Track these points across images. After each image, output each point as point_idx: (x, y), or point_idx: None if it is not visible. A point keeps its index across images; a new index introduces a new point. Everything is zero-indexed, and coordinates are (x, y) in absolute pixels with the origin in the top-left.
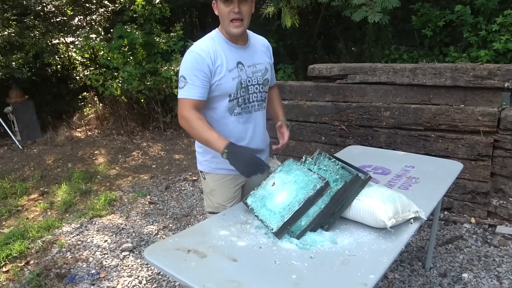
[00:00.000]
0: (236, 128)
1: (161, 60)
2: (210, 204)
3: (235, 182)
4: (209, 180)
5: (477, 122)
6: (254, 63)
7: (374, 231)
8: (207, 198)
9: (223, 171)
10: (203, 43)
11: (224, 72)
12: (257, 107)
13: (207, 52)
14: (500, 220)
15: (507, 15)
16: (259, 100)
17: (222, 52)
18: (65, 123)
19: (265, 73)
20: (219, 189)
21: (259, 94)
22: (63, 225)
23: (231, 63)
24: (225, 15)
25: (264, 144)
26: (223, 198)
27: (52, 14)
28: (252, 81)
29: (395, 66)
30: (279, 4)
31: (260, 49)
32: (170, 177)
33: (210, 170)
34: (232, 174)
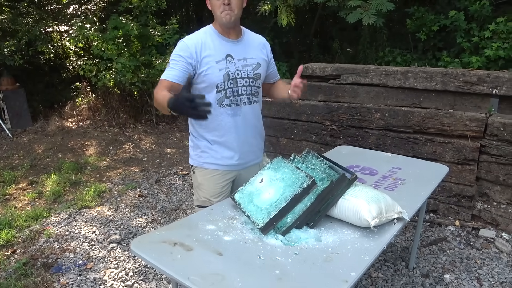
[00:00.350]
0: (225, 120)
1: (155, 53)
2: (198, 198)
3: (224, 177)
4: (197, 174)
5: (465, 127)
6: (245, 57)
7: (358, 230)
8: (195, 192)
9: (211, 166)
10: (194, 35)
11: (211, 63)
12: (246, 100)
13: (194, 42)
14: (483, 223)
15: (499, 23)
16: (249, 94)
17: (211, 44)
18: (56, 112)
19: (256, 67)
20: (207, 183)
21: (248, 88)
22: (51, 215)
23: (219, 55)
24: (216, 7)
25: (258, 139)
26: (210, 193)
27: (46, 2)
28: (242, 74)
29: (387, 68)
30: (276, 2)
31: (255, 45)
32: (160, 170)
33: (199, 164)
34: (220, 169)
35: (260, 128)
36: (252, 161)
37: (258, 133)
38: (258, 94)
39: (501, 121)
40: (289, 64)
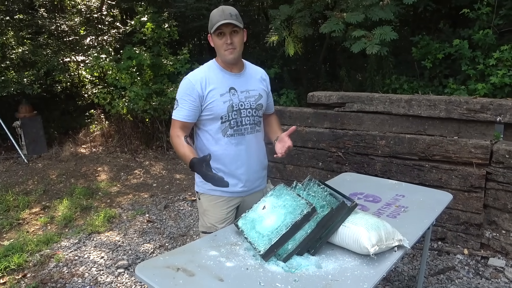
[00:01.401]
0: (229, 149)
1: (167, 81)
2: (204, 224)
3: (228, 204)
4: (203, 201)
5: (470, 154)
6: (247, 89)
7: (358, 257)
8: (200, 218)
9: (216, 192)
10: (197, 71)
11: (216, 96)
12: (250, 130)
13: (198, 79)
14: (492, 252)
15: (503, 51)
16: (252, 124)
17: (215, 78)
18: (70, 139)
19: (258, 98)
20: (212, 209)
21: (251, 118)
22: (61, 239)
23: (223, 88)
24: (219, 46)
25: (261, 166)
26: (215, 219)
27: (65, 34)
28: (245, 105)
29: (392, 96)
30: (283, 34)
31: (256, 77)
32: (169, 196)
33: (204, 191)
34: (225, 196)
35: (263, 155)
36: (256, 188)
37: (261, 160)
38: (260, 123)
39: (507, 148)
40: (297, 91)
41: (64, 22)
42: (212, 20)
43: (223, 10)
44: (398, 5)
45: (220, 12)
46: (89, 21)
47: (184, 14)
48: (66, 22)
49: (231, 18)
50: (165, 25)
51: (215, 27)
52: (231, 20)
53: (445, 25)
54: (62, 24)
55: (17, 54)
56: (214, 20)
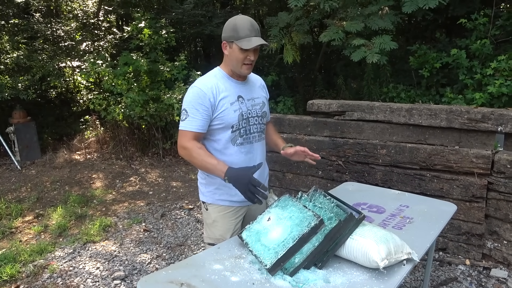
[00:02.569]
0: (238, 158)
1: (164, 88)
2: (211, 236)
3: (236, 214)
4: (211, 211)
5: (471, 164)
6: (252, 97)
7: (367, 271)
8: (208, 229)
9: (225, 203)
10: (206, 79)
11: (226, 105)
12: (257, 138)
13: (209, 87)
14: (494, 263)
15: (500, 61)
16: (259, 131)
17: (223, 86)
18: (65, 145)
19: (262, 106)
20: (221, 220)
21: (258, 126)
22: (56, 249)
23: (232, 96)
24: (239, 59)
25: (265, 174)
26: (224, 230)
27: (60, 39)
28: (252, 113)
29: (392, 105)
30: (282, 41)
31: (257, 85)
32: (166, 204)
33: (213, 201)
34: (234, 205)
35: (267, 162)
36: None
37: (266, 167)
38: (265, 131)
39: (508, 158)
40: (294, 99)
41: (60, 27)
42: (239, 32)
43: (252, 24)
44: (397, 15)
45: (249, 25)
46: (85, 26)
47: (181, 20)
48: (62, 27)
49: (259, 35)
50: (162, 31)
51: (246, 43)
52: (263, 41)
53: (442, 34)
54: (58, 29)
55: (12, 59)
56: (243, 33)
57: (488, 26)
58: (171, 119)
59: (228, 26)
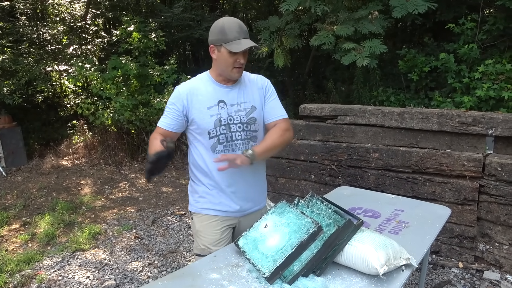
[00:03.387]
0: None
1: (153, 92)
2: (197, 246)
3: (222, 224)
4: (196, 221)
5: (463, 167)
6: (238, 102)
7: (366, 277)
8: (194, 239)
9: (209, 211)
10: (188, 82)
11: (202, 109)
12: (242, 145)
13: (187, 88)
14: (487, 265)
15: (488, 65)
16: (244, 139)
17: (204, 90)
18: (52, 150)
19: (250, 111)
20: (205, 230)
21: (243, 133)
22: (44, 258)
23: (210, 101)
24: (229, 63)
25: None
26: (209, 240)
27: (47, 42)
28: (234, 119)
29: (384, 109)
30: (272, 45)
31: (252, 88)
32: (157, 210)
33: (197, 210)
34: (219, 215)
35: (260, 173)
36: (250, 209)
37: (258, 178)
38: (257, 138)
39: (499, 161)
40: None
41: (47, 31)
42: (228, 34)
43: (240, 26)
44: (387, 19)
45: (237, 27)
46: (72, 29)
47: (170, 24)
48: (49, 30)
49: (248, 37)
50: (152, 35)
51: (235, 46)
52: (253, 43)
53: (430, 39)
54: (45, 33)
55: None
56: (231, 35)
57: (475, 30)
58: None
59: (215, 29)
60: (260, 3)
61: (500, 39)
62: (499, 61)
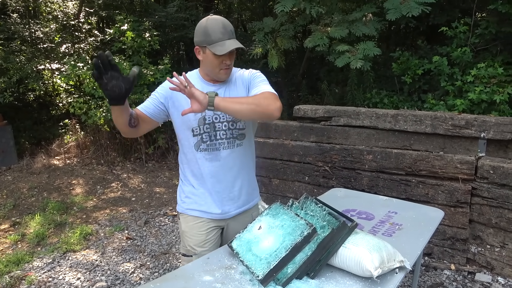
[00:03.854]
0: (203, 165)
1: (147, 92)
2: (183, 246)
3: (207, 225)
4: (182, 221)
5: (456, 169)
6: None
7: (360, 280)
8: (181, 239)
9: (194, 213)
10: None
11: (185, 105)
12: (226, 144)
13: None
14: (478, 267)
15: (480, 68)
16: (229, 138)
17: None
18: (43, 150)
19: None
20: (190, 231)
21: (228, 132)
22: (34, 259)
23: None
24: (215, 65)
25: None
26: (194, 241)
27: (39, 40)
28: (220, 118)
29: (378, 111)
30: (267, 46)
31: (239, 85)
32: (149, 211)
33: (183, 211)
34: (204, 217)
35: (247, 173)
36: (235, 210)
37: (244, 178)
38: (244, 136)
39: (491, 164)
40: None
41: (39, 29)
42: (211, 35)
43: (224, 26)
44: (381, 21)
45: (221, 27)
46: (65, 28)
47: (164, 24)
48: (41, 28)
49: (234, 36)
50: (146, 34)
51: (219, 48)
52: (238, 45)
53: (423, 42)
54: (37, 31)
55: None
56: (215, 36)
57: (468, 34)
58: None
59: (199, 30)
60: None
61: (492, 43)
62: (491, 65)
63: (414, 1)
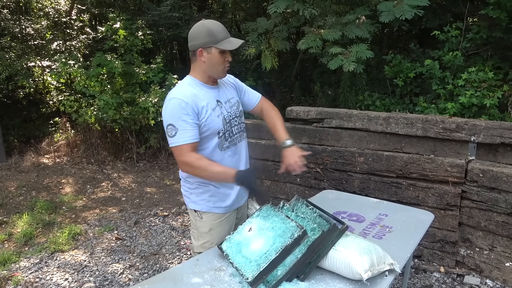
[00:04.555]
0: (225, 162)
1: (139, 91)
2: (205, 245)
3: (230, 219)
4: (206, 220)
5: (446, 172)
6: (228, 98)
7: (350, 282)
8: (202, 238)
9: (220, 210)
10: (183, 89)
11: (209, 111)
12: (239, 137)
13: (189, 95)
14: (467, 270)
15: (471, 72)
16: (240, 131)
17: (201, 93)
18: (32, 148)
19: (238, 105)
20: (217, 228)
21: (239, 126)
22: (21, 259)
23: (212, 102)
24: (219, 63)
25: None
26: (220, 238)
27: (30, 37)
28: (232, 115)
29: (370, 113)
30: (260, 47)
31: (228, 85)
32: (140, 211)
33: (208, 209)
34: (228, 212)
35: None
36: (245, 197)
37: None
38: (245, 128)
39: (480, 168)
40: None
41: (30, 25)
42: (217, 35)
43: (223, 27)
44: (374, 24)
45: (221, 27)
46: (56, 25)
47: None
48: (32, 25)
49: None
50: (138, 33)
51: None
52: (241, 40)
53: (415, 45)
54: (27, 27)
55: None
56: (220, 35)
57: (459, 38)
58: (146, 123)
59: (202, 32)
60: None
61: (483, 48)
62: (481, 69)
63: (407, 4)
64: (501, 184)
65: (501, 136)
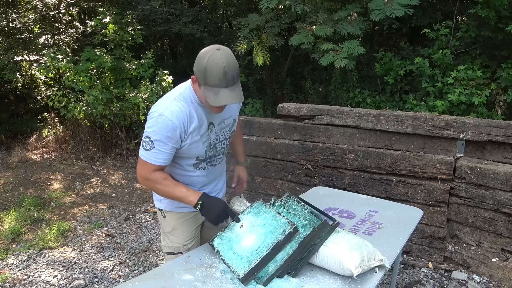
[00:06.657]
0: (199, 180)
1: (129, 86)
2: (170, 244)
3: (196, 221)
4: (170, 219)
5: (435, 169)
6: (223, 119)
7: (340, 278)
8: (166, 238)
9: (184, 209)
10: (177, 107)
11: (196, 137)
12: (222, 158)
13: (181, 118)
14: (455, 265)
15: (460, 70)
16: (222, 154)
17: (195, 115)
18: (20, 143)
19: (232, 125)
20: (181, 228)
21: (224, 147)
22: (8, 256)
23: (204, 126)
24: (208, 105)
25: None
26: (184, 237)
27: (17, 31)
28: (220, 138)
29: (361, 111)
30: (252, 43)
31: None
32: (130, 207)
33: (172, 209)
34: (194, 211)
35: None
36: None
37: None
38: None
39: (468, 165)
40: (262, 101)
41: (17, 18)
42: (207, 78)
43: (225, 72)
44: (365, 21)
45: (221, 73)
46: (45, 18)
47: (148, 17)
48: (19, 18)
49: (233, 83)
50: (128, 28)
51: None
52: (233, 100)
53: (406, 43)
54: (15, 20)
55: None
56: (211, 81)
57: (449, 37)
58: (136, 119)
59: (200, 64)
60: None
61: (472, 46)
62: (470, 68)
63: (397, 3)
64: (489, 181)
65: (489, 133)
